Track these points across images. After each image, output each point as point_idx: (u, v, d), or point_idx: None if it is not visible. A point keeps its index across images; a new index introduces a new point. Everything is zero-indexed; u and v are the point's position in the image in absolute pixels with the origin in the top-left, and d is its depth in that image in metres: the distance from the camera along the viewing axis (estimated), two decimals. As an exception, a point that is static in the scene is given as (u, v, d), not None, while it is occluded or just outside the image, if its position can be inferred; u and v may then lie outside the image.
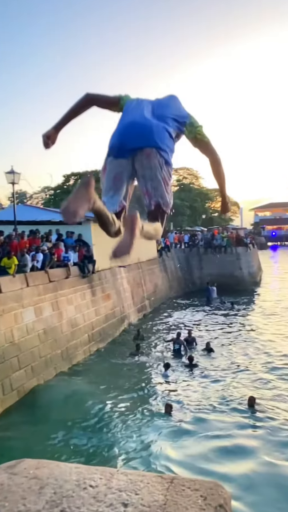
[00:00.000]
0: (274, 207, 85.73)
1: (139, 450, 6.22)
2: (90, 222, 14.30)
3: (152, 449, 6.21)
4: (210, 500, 1.33)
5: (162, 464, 5.73)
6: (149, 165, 1.78)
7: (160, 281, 21.42)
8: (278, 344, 12.71)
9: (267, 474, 5.47)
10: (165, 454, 6.03)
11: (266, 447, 6.26)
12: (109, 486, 1.48)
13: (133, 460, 5.89)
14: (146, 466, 5.66)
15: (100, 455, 6.10)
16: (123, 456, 6.04)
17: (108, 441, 6.58)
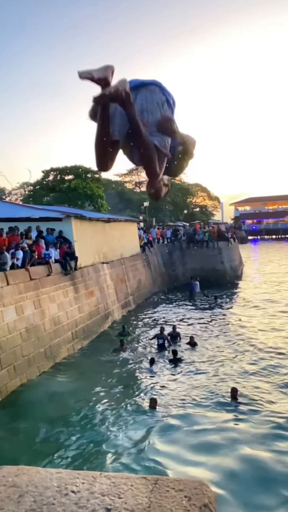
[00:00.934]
0: (254, 201, 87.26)
1: (124, 449, 6.20)
2: (71, 218, 14.11)
3: (137, 447, 6.20)
4: (195, 500, 1.31)
5: (147, 461, 5.73)
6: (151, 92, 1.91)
7: (144, 277, 21.43)
8: (261, 336, 12.97)
9: (250, 466, 5.58)
10: (150, 451, 6.04)
11: (249, 439, 6.38)
12: (91, 490, 1.44)
13: (118, 459, 5.85)
14: (131, 465, 5.64)
15: (84, 456, 6.04)
16: (107, 456, 6.00)
17: (92, 440, 6.52)
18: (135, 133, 1.75)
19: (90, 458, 5.94)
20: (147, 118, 1.83)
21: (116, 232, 18.77)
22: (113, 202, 42.69)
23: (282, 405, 7.68)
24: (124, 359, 11.09)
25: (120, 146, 1.86)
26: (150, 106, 1.85)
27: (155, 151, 1.78)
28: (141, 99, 1.84)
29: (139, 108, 1.80)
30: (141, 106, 1.83)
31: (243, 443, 6.25)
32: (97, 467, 5.59)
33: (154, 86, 1.85)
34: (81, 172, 34.73)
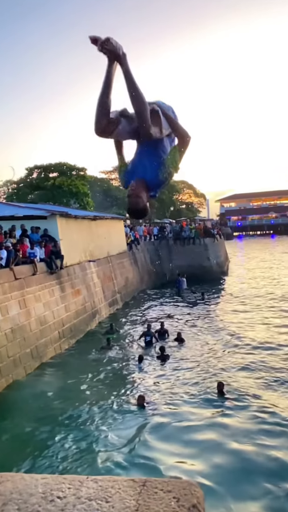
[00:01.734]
0: (239, 198, 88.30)
1: (112, 449, 6.14)
2: (56, 216, 13.92)
3: (126, 446, 6.15)
4: (183, 501, 1.30)
5: (136, 461, 5.70)
6: None
7: (131, 274, 21.40)
8: (247, 330, 13.16)
9: (237, 461, 5.64)
10: (139, 450, 6.02)
11: (235, 434, 6.45)
12: (78, 495, 1.41)
13: (106, 460, 5.77)
14: (119, 466, 5.57)
15: (71, 458, 5.94)
16: (95, 457, 5.92)
17: (80, 441, 6.44)
18: (130, 87, 2.04)
19: (77, 460, 5.86)
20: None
21: (103, 230, 18.65)
22: (99, 200, 42.40)
23: (268, 399, 7.81)
24: (112, 357, 11.06)
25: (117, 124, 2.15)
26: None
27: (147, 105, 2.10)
28: None
29: None
30: None
31: (230, 438, 6.31)
32: (84, 469, 5.53)
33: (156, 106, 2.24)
34: (65, 170, 34.32)
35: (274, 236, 69.20)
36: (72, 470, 5.52)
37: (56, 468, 5.63)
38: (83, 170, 36.02)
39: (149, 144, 2.25)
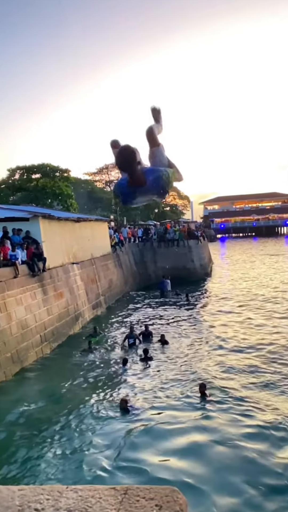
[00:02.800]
0: (222, 200, 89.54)
1: (93, 455, 6.00)
2: (39, 218, 13.70)
3: (107, 452, 6.03)
4: (166, 508, 1.27)
5: (118, 468, 5.59)
6: None
7: (115, 277, 21.29)
8: (230, 331, 13.29)
9: (219, 463, 5.66)
10: (121, 456, 5.91)
11: (217, 435, 6.46)
12: (57, 507, 1.35)
13: (87, 468, 5.64)
14: (101, 473, 5.45)
15: (52, 465, 5.78)
16: (76, 465, 5.77)
17: (61, 447, 6.29)
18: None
19: (58, 467, 5.70)
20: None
21: (86, 232, 18.49)
22: (82, 202, 42.06)
23: (250, 400, 7.88)
24: (95, 360, 10.94)
25: None
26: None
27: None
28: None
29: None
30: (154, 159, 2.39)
31: (211, 440, 6.32)
32: (65, 477, 5.39)
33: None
34: (49, 171, 33.93)
35: (256, 239, 70.49)
36: (52, 478, 5.38)
37: (35, 477, 5.46)
38: (67, 171, 35.71)
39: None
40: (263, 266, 31.29)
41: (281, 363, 9.97)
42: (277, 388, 8.37)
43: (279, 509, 4.71)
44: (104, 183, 62.34)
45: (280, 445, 6.18)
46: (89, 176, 60.78)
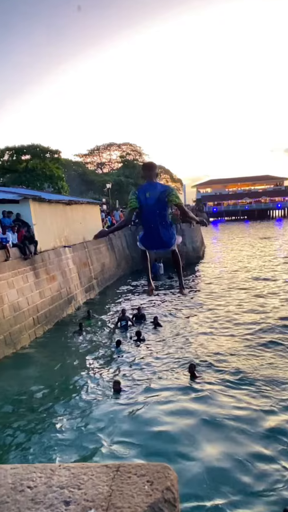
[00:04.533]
0: (215, 183, 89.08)
1: (86, 436, 6.12)
2: (29, 200, 13.46)
3: (100, 433, 6.15)
4: (157, 484, 1.29)
5: (111, 447, 5.72)
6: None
7: (108, 260, 21.25)
8: (222, 313, 13.48)
9: (208, 442, 5.82)
10: (114, 436, 6.03)
11: (207, 414, 6.64)
12: (49, 484, 1.36)
13: (80, 447, 5.76)
14: (93, 452, 5.58)
15: (44, 446, 5.87)
16: (69, 444, 5.89)
17: (54, 428, 6.39)
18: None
19: (50, 447, 5.80)
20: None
21: (78, 215, 18.28)
22: (74, 184, 41.38)
23: (239, 379, 8.08)
24: (87, 343, 11.04)
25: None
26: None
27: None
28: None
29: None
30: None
31: (202, 419, 6.49)
32: (58, 456, 5.50)
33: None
34: (38, 152, 33.12)
35: (248, 222, 70.69)
36: (45, 457, 5.49)
37: (27, 457, 5.57)
38: (57, 152, 34.91)
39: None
40: (253, 249, 31.53)
41: (271, 341, 10.19)
42: (267, 369, 8.57)
43: (267, 484, 4.90)
44: (95, 165, 61.33)
45: (267, 419, 6.39)
46: (80, 158, 59.68)
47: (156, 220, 3.05)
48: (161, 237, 3.13)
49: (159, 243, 3.20)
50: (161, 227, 3.09)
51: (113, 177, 48.87)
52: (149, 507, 1.20)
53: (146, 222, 3.10)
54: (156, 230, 3.09)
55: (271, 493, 4.70)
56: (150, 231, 3.13)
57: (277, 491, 4.76)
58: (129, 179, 50.01)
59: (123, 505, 1.21)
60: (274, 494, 4.68)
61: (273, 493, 4.69)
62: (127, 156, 59.84)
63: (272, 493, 4.69)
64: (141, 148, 62.58)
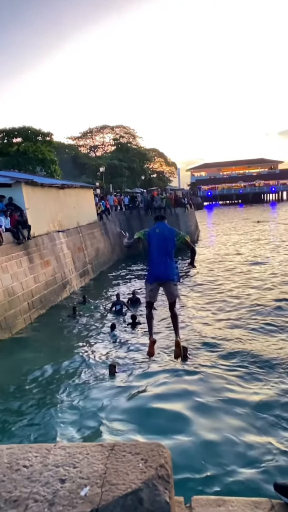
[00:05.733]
0: (209, 167, 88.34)
1: (82, 418, 6.23)
2: (22, 184, 13.23)
3: (96, 415, 6.26)
4: (151, 462, 1.32)
5: (106, 429, 5.84)
6: (169, 286, 3.79)
7: (102, 245, 21.18)
8: (216, 296, 13.63)
9: (202, 423, 5.96)
10: (109, 418, 6.15)
11: (199, 394, 6.78)
12: (45, 463, 1.39)
13: (75, 429, 5.88)
14: (89, 433, 5.70)
15: (40, 428, 5.98)
16: (64, 426, 6.00)
17: (49, 411, 6.47)
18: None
19: (46, 430, 5.90)
20: (168, 293, 3.90)
21: (71, 199, 18.07)
22: (67, 168, 40.69)
23: (230, 359, 8.25)
24: (82, 327, 11.12)
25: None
26: (168, 288, 3.83)
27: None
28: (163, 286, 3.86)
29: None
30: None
31: (194, 399, 6.63)
32: (53, 437, 5.62)
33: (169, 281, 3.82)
34: (30, 134, 32.39)
35: (242, 206, 70.62)
36: (40, 438, 5.59)
37: (23, 438, 5.67)
38: (49, 135, 34.16)
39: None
40: (246, 233, 31.63)
41: (263, 323, 10.36)
42: (259, 350, 8.74)
43: (258, 458, 5.07)
44: (88, 148, 60.24)
45: (257, 398, 6.57)
46: (72, 141, 58.51)
47: (163, 252, 3.65)
48: (167, 267, 3.65)
49: (164, 273, 3.68)
50: (167, 259, 3.67)
51: (106, 160, 48.13)
52: (144, 483, 1.22)
53: (154, 252, 3.72)
54: (163, 260, 3.65)
55: (262, 466, 4.87)
56: (157, 262, 3.69)
57: (266, 462, 4.93)
58: (122, 163, 49.31)
59: (118, 482, 1.24)
60: (264, 467, 4.85)
61: (264, 466, 4.87)
62: (120, 139, 58.80)
63: (263, 466, 4.87)
64: (134, 131, 61.58)
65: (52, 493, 1.23)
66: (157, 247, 3.69)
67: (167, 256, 3.66)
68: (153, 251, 3.72)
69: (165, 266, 3.65)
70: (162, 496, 1.20)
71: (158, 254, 3.66)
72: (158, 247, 3.69)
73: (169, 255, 3.67)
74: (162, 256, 3.66)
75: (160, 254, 3.66)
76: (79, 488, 1.24)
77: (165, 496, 1.20)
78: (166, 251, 3.66)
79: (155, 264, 3.71)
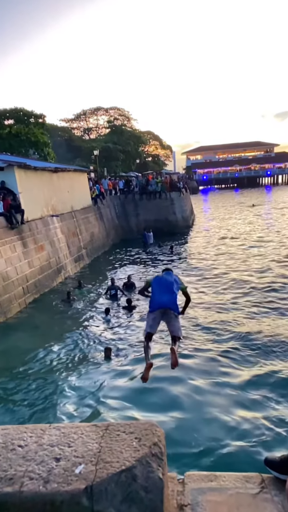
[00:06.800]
0: (205, 150, 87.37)
1: (77, 400, 6.32)
2: (14, 167, 12.99)
3: (91, 397, 6.36)
4: (145, 440, 1.34)
5: (101, 410, 5.95)
6: (171, 317, 4.05)
7: (97, 230, 21.06)
8: (211, 280, 13.72)
9: (196, 401, 6.11)
10: (105, 400, 6.24)
11: (193, 374, 6.92)
12: (40, 443, 1.41)
13: (70, 411, 5.98)
14: (84, 415, 5.81)
15: (35, 410, 6.07)
16: (59, 408, 6.09)
17: (44, 394, 6.56)
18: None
19: (41, 412, 6.01)
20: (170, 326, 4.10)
21: (65, 183, 17.82)
22: (60, 151, 39.94)
23: (222, 341, 8.39)
24: (77, 311, 11.18)
25: None
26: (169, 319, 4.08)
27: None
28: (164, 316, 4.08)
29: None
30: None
31: (188, 379, 6.77)
32: (48, 418, 5.73)
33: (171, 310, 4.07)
34: (22, 116, 31.62)
35: (238, 190, 70.34)
36: (35, 420, 5.70)
37: (18, 419, 5.77)
38: (42, 117, 33.39)
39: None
40: (241, 217, 31.65)
41: (257, 305, 10.51)
42: (253, 331, 8.88)
43: (249, 435, 5.23)
44: (82, 131, 59.06)
45: (250, 373, 6.73)
46: (65, 123, 57.23)
47: (167, 289, 4.08)
48: (170, 298, 4.04)
49: (166, 301, 4.01)
50: (171, 293, 4.06)
51: (100, 143, 47.27)
52: (137, 461, 1.25)
53: (159, 288, 4.14)
54: (166, 293, 4.05)
55: (253, 442, 5.03)
56: (161, 293, 4.10)
57: (257, 437, 5.10)
58: (117, 146, 48.51)
59: (112, 460, 1.26)
60: (255, 443, 5.02)
61: (254, 442, 5.03)
62: (114, 121, 57.64)
63: (254, 442, 5.03)
64: (129, 113, 60.31)
65: (47, 471, 1.25)
66: (162, 285, 4.14)
67: (171, 293, 4.05)
68: (157, 288, 4.15)
69: (168, 297, 4.02)
70: (155, 473, 1.22)
71: (162, 289, 4.10)
72: (163, 285, 4.14)
73: (173, 292, 4.07)
74: (166, 291, 4.06)
75: (164, 290, 4.08)
76: (74, 466, 1.26)
77: (158, 473, 1.23)
78: (170, 289, 4.07)
79: (159, 294, 4.10)
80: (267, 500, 1.40)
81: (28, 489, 1.18)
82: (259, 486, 1.47)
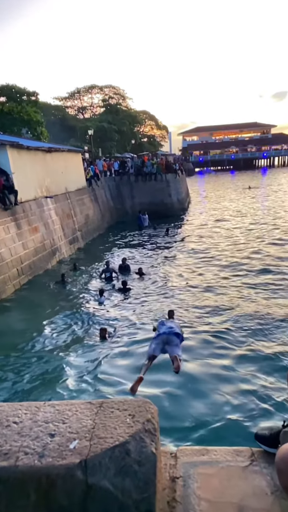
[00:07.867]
0: (201, 131, 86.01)
1: (72, 379, 6.43)
2: (6, 147, 12.69)
3: (86, 376, 6.47)
4: (138, 417, 1.37)
5: (96, 387, 6.06)
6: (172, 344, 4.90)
7: (92, 212, 20.89)
8: (204, 260, 13.81)
9: (189, 379, 6.25)
10: (99, 378, 6.36)
11: (187, 354, 7.05)
12: (34, 420, 1.43)
13: (65, 389, 6.08)
14: (78, 393, 5.93)
15: (30, 388, 6.17)
16: (54, 386, 6.20)
17: (39, 373, 6.67)
18: None
19: (36, 390, 6.11)
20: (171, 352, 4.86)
21: (59, 164, 17.50)
22: (54, 130, 39.03)
23: (213, 320, 8.53)
24: (72, 293, 11.22)
25: None
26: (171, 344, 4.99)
27: None
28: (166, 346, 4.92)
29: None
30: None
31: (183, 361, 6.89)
32: (43, 396, 5.84)
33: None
34: (14, 94, 30.68)
35: (234, 172, 69.77)
36: (30, 397, 5.81)
37: (13, 397, 5.88)
38: (35, 94, 32.43)
39: None
40: (237, 200, 31.54)
41: (252, 286, 10.64)
42: (247, 314, 9.01)
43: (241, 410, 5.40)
44: (76, 110, 57.61)
45: (241, 351, 6.89)
46: (59, 102, 55.74)
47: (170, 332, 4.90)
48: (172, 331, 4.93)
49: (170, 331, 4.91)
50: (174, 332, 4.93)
51: (95, 122, 46.24)
52: (131, 436, 1.27)
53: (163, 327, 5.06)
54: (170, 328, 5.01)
55: (243, 417, 5.20)
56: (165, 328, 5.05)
57: (248, 412, 5.28)
58: (112, 126, 47.50)
59: (106, 436, 1.28)
60: (246, 417, 5.19)
61: (246, 417, 5.20)
62: (109, 100, 56.22)
63: (246, 417, 5.20)
64: (124, 92, 58.78)
65: (42, 446, 1.27)
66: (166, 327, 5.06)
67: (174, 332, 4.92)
68: (162, 328, 5.07)
69: (171, 331, 4.92)
70: (148, 448, 1.25)
71: (166, 327, 5.03)
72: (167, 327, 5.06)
73: (175, 332, 4.93)
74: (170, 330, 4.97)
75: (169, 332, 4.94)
76: (68, 441, 1.29)
77: (151, 448, 1.26)
78: (173, 331, 4.95)
79: (163, 329, 5.01)
80: (257, 472, 1.45)
81: (23, 463, 1.20)
82: (249, 459, 1.52)
